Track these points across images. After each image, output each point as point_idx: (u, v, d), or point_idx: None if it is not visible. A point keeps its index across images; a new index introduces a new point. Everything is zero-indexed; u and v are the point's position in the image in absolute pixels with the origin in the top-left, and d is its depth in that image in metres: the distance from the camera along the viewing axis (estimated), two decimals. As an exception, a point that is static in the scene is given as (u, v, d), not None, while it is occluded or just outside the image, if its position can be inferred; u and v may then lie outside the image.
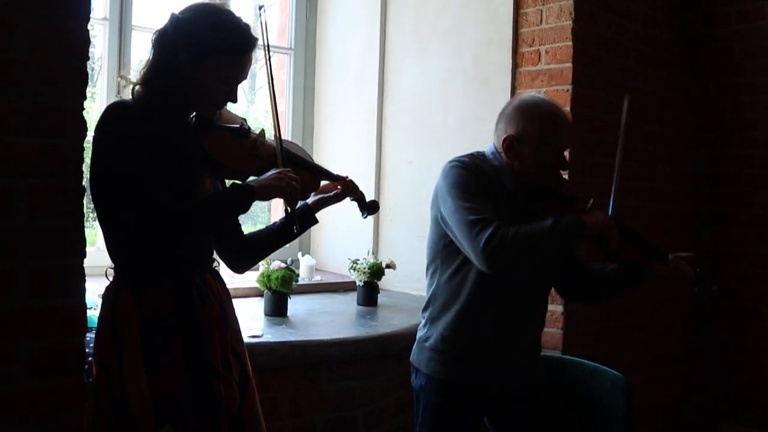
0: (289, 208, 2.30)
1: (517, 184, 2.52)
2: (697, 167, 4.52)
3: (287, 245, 2.56)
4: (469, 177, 2.45)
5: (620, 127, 2.61)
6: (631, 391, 3.01)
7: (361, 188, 2.57)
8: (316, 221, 2.54)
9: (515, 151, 2.50)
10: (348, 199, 2.55)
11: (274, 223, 2.52)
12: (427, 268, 2.64)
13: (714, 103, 4.47)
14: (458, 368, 2.54)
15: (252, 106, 5.97)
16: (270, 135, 2.38)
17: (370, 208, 2.62)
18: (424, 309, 2.64)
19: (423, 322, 2.65)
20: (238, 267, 2.54)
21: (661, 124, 4.22)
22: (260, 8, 2.32)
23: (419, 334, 2.66)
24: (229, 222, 2.39)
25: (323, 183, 2.51)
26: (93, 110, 3.64)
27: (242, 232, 2.48)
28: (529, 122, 2.48)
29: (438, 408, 2.56)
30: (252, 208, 2.22)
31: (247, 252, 2.50)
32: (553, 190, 2.56)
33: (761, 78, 4.26)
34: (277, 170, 2.22)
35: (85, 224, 2.15)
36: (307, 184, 2.39)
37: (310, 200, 2.50)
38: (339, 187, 2.51)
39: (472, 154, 2.58)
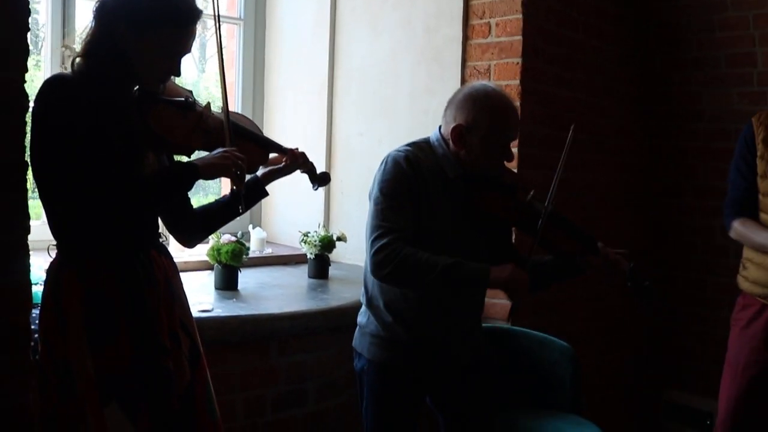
0: (235, 188, 2.27)
1: (459, 172, 2.52)
2: (644, 140, 4.57)
3: (237, 218, 2.54)
4: (403, 177, 2.43)
5: (561, 159, 2.53)
6: (578, 361, 3.07)
7: (311, 160, 2.56)
8: (266, 194, 2.53)
9: (464, 140, 2.49)
10: (298, 171, 2.54)
11: (224, 196, 2.49)
12: (366, 250, 2.56)
13: (661, 77, 4.51)
14: (398, 352, 2.56)
15: (202, 75, 5.89)
16: (217, 107, 2.34)
17: (320, 179, 2.61)
18: (363, 294, 2.65)
19: (363, 308, 2.66)
20: (188, 241, 2.51)
21: (610, 97, 4.26)
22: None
23: (359, 319, 2.67)
24: (172, 199, 2.33)
25: (273, 155, 2.49)
26: (38, 79, 3.57)
27: (191, 206, 2.45)
28: (479, 112, 2.47)
29: (381, 391, 2.60)
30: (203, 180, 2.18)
31: (196, 226, 2.47)
32: (495, 179, 2.56)
33: (707, 52, 4.30)
34: (223, 149, 2.19)
35: (29, 197, 2.11)
36: (255, 157, 2.37)
37: (259, 173, 2.47)
38: (289, 158, 2.50)
39: (416, 143, 2.57)
